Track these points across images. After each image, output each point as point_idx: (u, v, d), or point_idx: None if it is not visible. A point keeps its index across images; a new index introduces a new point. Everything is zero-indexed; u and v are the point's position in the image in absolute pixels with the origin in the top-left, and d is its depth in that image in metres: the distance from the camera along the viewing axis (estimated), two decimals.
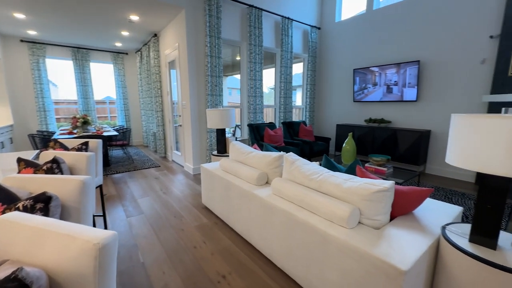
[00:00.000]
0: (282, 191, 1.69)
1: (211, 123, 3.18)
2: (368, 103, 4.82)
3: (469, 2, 3.42)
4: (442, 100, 3.82)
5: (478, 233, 1.07)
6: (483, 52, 3.36)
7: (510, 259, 0.98)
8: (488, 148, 0.91)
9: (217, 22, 3.72)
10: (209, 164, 2.67)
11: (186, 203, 2.84)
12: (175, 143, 4.87)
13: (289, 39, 4.82)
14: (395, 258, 1.04)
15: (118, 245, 1.37)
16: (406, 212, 1.44)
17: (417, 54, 4.01)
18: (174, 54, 4.15)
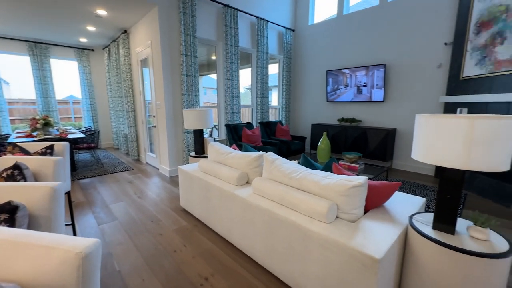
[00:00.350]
0: (263, 190, 1.72)
1: (188, 124, 3.11)
2: (340, 103, 5.06)
3: (427, 12, 3.76)
4: (406, 101, 4.15)
5: (439, 220, 1.19)
6: (439, 58, 3.72)
7: (466, 242, 1.11)
8: (446, 144, 1.03)
9: (192, 20, 3.64)
10: (187, 166, 2.61)
11: (164, 207, 2.75)
12: (149, 145, 4.67)
13: (265, 40, 4.89)
14: (370, 248, 1.12)
15: None
16: (378, 205, 1.55)
17: (383, 57, 4.31)
18: (147, 52, 3.98)
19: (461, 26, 3.31)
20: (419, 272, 1.20)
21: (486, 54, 2.95)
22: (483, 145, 0.97)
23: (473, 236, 1.13)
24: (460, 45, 3.33)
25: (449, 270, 1.08)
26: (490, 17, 2.91)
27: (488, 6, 2.93)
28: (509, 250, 1.04)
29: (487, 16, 2.95)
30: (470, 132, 0.97)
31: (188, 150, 3.89)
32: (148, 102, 4.45)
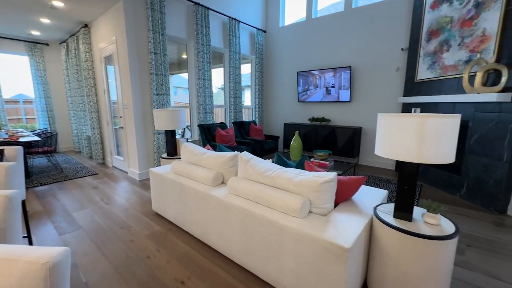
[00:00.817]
0: (239, 189, 1.73)
1: (159, 125, 3.00)
2: (311, 103, 5.27)
3: (386, 19, 4.09)
4: (369, 101, 4.46)
5: (399, 209, 1.32)
6: (397, 62, 4.07)
7: (421, 227, 1.24)
8: (403, 140, 1.15)
9: (161, 17, 3.51)
10: (159, 168, 2.52)
11: (134, 212, 2.62)
12: (115, 147, 4.40)
13: (237, 40, 4.89)
14: (340, 238, 1.20)
15: None
16: (347, 199, 1.66)
17: (349, 60, 4.59)
18: (111, 49, 3.74)
19: (415, 33, 3.66)
20: (383, 256, 1.31)
21: (436, 60, 3.31)
22: (433, 141, 1.10)
23: (427, 221, 1.27)
24: (415, 51, 3.68)
25: (407, 253, 1.21)
26: (438, 26, 3.26)
27: (437, 16, 3.28)
28: (455, 232, 1.19)
29: (436, 26, 3.30)
30: (422, 130, 1.09)
31: (159, 152, 3.74)
32: (114, 102, 4.19)
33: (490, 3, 2.61)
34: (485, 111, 2.67)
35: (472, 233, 2.17)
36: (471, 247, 1.96)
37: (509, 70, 2.43)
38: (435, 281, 1.19)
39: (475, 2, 2.77)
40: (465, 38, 2.89)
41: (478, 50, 2.74)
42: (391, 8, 4.02)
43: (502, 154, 2.50)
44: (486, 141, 2.66)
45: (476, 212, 2.59)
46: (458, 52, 2.98)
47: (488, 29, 2.64)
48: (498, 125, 2.54)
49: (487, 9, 2.64)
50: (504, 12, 2.47)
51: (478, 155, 2.75)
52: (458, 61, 2.99)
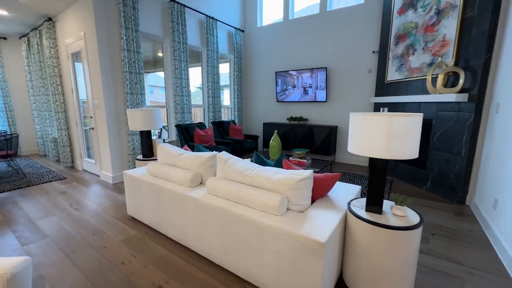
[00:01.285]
0: (217, 190, 1.72)
1: (133, 125, 2.88)
2: (289, 103, 5.36)
3: (359, 23, 4.28)
4: (344, 101, 4.65)
5: (370, 203, 1.40)
6: (369, 63, 4.28)
7: (390, 219, 1.32)
8: (373, 138, 1.21)
9: (134, 13, 3.37)
10: (134, 170, 2.42)
11: (107, 217, 2.49)
12: (86, 150, 4.14)
13: (215, 39, 4.84)
14: (316, 233, 1.24)
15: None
16: (323, 195, 1.72)
17: (325, 61, 4.74)
18: (79, 45, 3.52)
19: (385, 37, 3.87)
20: (357, 249, 1.38)
21: (403, 62, 3.53)
22: (399, 138, 1.17)
23: (395, 213, 1.36)
24: (384, 53, 3.90)
25: (378, 243, 1.28)
26: (405, 31, 3.48)
27: (403, 22, 3.50)
28: (420, 222, 1.29)
29: (402, 30, 3.52)
30: (389, 127, 1.17)
31: (134, 154, 3.59)
32: (83, 102, 3.94)
33: (449, 11, 2.84)
34: (446, 110, 2.90)
35: (436, 222, 2.35)
36: (435, 235, 2.13)
37: (465, 73, 2.67)
38: (403, 269, 1.28)
39: (436, 10, 3.00)
40: (428, 42, 3.12)
41: (440, 54, 2.97)
42: (362, 12, 4.22)
43: (461, 150, 2.74)
44: (447, 137, 2.90)
45: (439, 203, 2.81)
46: (422, 56, 3.21)
47: (447, 35, 2.87)
48: (457, 123, 2.78)
49: (447, 17, 2.87)
50: (461, 20, 2.70)
51: (441, 150, 2.98)
52: (422, 64, 3.21)
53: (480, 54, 2.53)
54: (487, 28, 2.46)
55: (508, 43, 2.24)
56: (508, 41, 2.24)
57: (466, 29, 2.67)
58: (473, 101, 2.60)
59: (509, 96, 2.08)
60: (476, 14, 2.56)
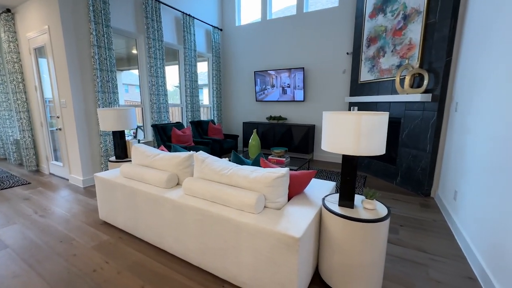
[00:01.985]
0: (194, 190, 1.70)
1: (105, 125, 2.74)
2: (268, 102, 5.42)
3: (333, 25, 4.42)
4: (321, 100, 4.79)
5: (342, 198, 1.46)
6: (344, 64, 4.45)
7: (361, 212, 1.39)
8: (343, 135, 1.27)
9: (104, 7, 3.20)
10: (106, 173, 2.31)
11: (78, 223, 2.35)
12: (53, 152, 3.87)
13: (192, 37, 4.75)
14: (292, 229, 1.27)
15: None
16: (300, 192, 1.76)
17: (302, 62, 4.85)
18: (43, 39, 3.28)
19: (357, 39, 4.05)
20: (331, 242, 1.43)
21: (374, 64, 3.72)
22: (367, 135, 1.24)
23: (365, 207, 1.43)
24: (357, 55, 4.07)
25: (350, 236, 1.34)
26: (376, 34, 3.67)
27: (374, 25, 3.68)
28: (387, 214, 1.37)
29: (374, 34, 3.71)
30: (358, 126, 1.23)
31: (107, 155, 3.42)
32: (49, 100, 3.68)
33: (414, 17, 3.04)
34: (413, 109, 3.10)
35: (404, 214, 2.51)
36: (404, 226, 2.27)
37: (429, 75, 2.87)
38: (373, 259, 1.35)
39: (403, 15, 3.19)
40: (397, 45, 3.31)
41: (407, 56, 3.17)
42: (337, 15, 4.37)
43: (426, 146, 2.95)
44: (414, 135, 3.10)
45: (408, 196, 3.01)
46: (391, 58, 3.40)
47: (413, 39, 3.07)
48: (422, 121, 2.99)
49: (412, 22, 3.07)
50: (425, 26, 2.90)
51: (409, 147, 3.18)
52: (391, 66, 3.41)
53: (441, 57, 2.73)
54: (447, 34, 2.67)
55: (465, 47, 2.44)
56: (465, 46, 2.45)
57: (429, 33, 2.87)
58: (436, 101, 2.81)
59: (466, 96, 2.28)
60: (437, 20, 2.76)
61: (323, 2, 5.16)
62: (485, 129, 1.77)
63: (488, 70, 1.84)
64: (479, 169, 1.81)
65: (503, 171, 1.46)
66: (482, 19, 2.06)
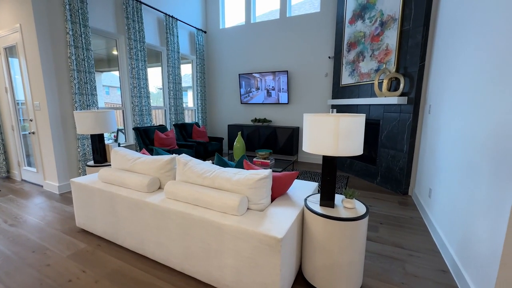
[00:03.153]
0: (176, 193, 1.67)
1: (82, 128, 2.63)
2: (253, 105, 5.44)
3: (315, 29, 4.54)
4: (304, 103, 4.88)
5: (323, 198, 1.49)
6: (326, 68, 4.57)
7: (341, 211, 1.43)
8: (322, 137, 1.30)
9: (82, 6, 3.10)
10: (84, 178, 2.22)
11: (52, 231, 2.23)
12: (25, 157, 3.66)
13: (175, 38, 4.69)
14: (274, 230, 1.28)
15: None
16: (283, 193, 1.78)
17: (286, 65, 4.93)
18: (14, 38, 3.11)
19: (338, 44, 4.18)
20: (313, 241, 1.46)
21: (354, 68, 3.85)
22: (345, 136, 1.28)
23: (345, 206, 1.48)
24: (339, 59, 4.20)
25: (331, 234, 1.38)
26: (355, 39, 3.81)
27: (354, 31, 3.82)
28: (366, 213, 1.42)
29: (353, 39, 3.84)
30: (337, 127, 1.27)
31: (85, 159, 3.28)
32: (21, 103, 3.48)
33: (391, 24, 3.19)
34: (391, 111, 3.24)
35: (383, 213, 2.61)
36: (383, 224, 2.36)
37: (405, 79, 3.02)
38: (353, 256, 1.39)
39: (381, 22, 3.34)
40: (375, 50, 3.46)
41: (384, 61, 3.31)
42: (319, 20, 4.49)
43: (403, 147, 3.09)
44: (392, 136, 3.24)
45: (387, 195, 3.12)
46: (370, 62, 3.54)
47: (390, 45, 3.22)
48: (399, 123, 3.13)
49: (389, 28, 3.22)
50: (400, 32, 3.05)
51: (387, 148, 3.32)
52: (370, 70, 3.55)
53: (415, 62, 2.88)
54: (420, 40, 2.82)
55: (436, 53, 2.60)
56: (436, 51, 2.61)
57: (404, 40, 3.02)
58: (411, 104, 2.96)
59: (437, 99, 2.42)
60: (411, 27, 2.92)
61: (305, 7, 5.29)
62: (454, 130, 1.89)
63: (455, 74, 1.96)
64: (449, 167, 1.93)
65: (470, 169, 1.56)
66: (451, 28, 2.20)
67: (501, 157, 1.22)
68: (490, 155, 1.33)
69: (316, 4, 4.78)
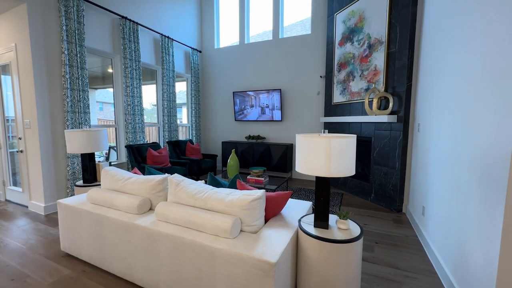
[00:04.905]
0: (168, 215, 1.63)
1: (72, 147, 2.58)
2: (247, 122, 5.49)
3: (307, 50, 4.72)
4: (298, 120, 4.96)
5: (317, 219, 1.48)
6: (318, 86, 4.70)
7: (335, 233, 1.41)
8: (315, 158, 1.31)
9: (79, 27, 3.16)
10: (71, 199, 2.14)
11: (35, 256, 2.12)
12: (10, 176, 3.54)
13: (171, 57, 4.79)
14: (268, 254, 1.25)
15: None
16: (277, 213, 1.76)
17: (279, 83, 5.05)
18: (9, 56, 3.12)
19: (329, 64, 4.34)
20: (308, 263, 1.42)
21: (345, 87, 3.98)
22: (337, 157, 1.30)
23: (339, 227, 1.46)
24: (330, 78, 4.34)
25: (326, 257, 1.35)
26: (345, 60, 3.96)
27: (343, 52, 3.99)
28: (360, 234, 1.40)
29: (343, 59, 4.00)
30: (329, 148, 1.28)
31: (74, 179, 3.20)
32: (11, 119, 3.42)
33: (378, 46, 3.35)
34: (382, 129, 3.32)
35: (379, 231, 2.58)
36: (379, 243, 2.33)
37: (393, 98, 3.12)
38: (348, 278, 1.36)
39: (368, 44, 3.50)
40: (364, 71, 3.59)
41: (373, 81, 3.43)
42: (310, 41, 4.68)
43: (395, 164, 3.13)
44: (384, 153, 3.29)
45: (382, 212, 3.11)
46: (360, 82, 3.67)
47: (378, 66, 3.35)
48: (390, 140, 3.19)
49: (376, 50, 3.37)
50: (387, 54, 3.20)
51: (380, 165, 3.35)
52: (360, 89, 3.66)
53: (403, 83, 3.00)
54: (406, 62, 2.96)
55: (422, 74, 2.72)
56: (422, 72, 2.73)
57: (391, 61, 3.16)
58: (401, 122, 3.04)
59: (425, 118, 2.49)
60: (397, 50, 3.07)
61: (297, 29, 5.54)
62: (442, 148, 1.94)
63: (439, 96, 2.05)
64: (441, 185, 1.95)
65: (460, 188, 1.58)
66: (434, 51, 2.32)
67: (489, 176, 1.25)
68: (478, 174, 1.35)
69: (307, 26, 5.00)
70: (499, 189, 1.17)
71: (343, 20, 3.96)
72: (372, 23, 3.42)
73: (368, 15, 3.47)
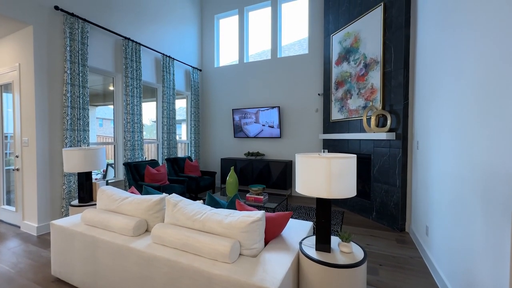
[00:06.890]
0: (164, 238, 1.57)
1: (69, 166, 2.55)
2: (246, 138, 5.50)
3: (305, 69, 4.84)
4: (296, 136, 4.98)
5: (319, 242, 1.43)
6: (316, 104, 4.77)
7: (337, 257, 1.36)
8: (315, 178, 1.29)
9: (82, 48, 3.24)
10: (65, 220, 2.08)
11: (23, 281, 2.02)
12: (4, 195, 3.47)
13: (171, 76, 4.88)
14: (268, 281, 1.19)
15: None
16: (277, 235, 1.70)
17: (278, 101, 5.12)
18: (12, 76, 3.16)
19: (327, 82, 4.43)
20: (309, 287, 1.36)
21: (343, 105, 4.03)
22: (338, 178, 1.28)
23: (342, 250, 1.41)
24: (328, 96, 4.41)
25: (328, 282, 1.29)
26: (342, 79, 4.05)
27: (340, 71, 4.09)
28: (364, 258, 1.35)
29: (340, 78, 4.09)
30: (329, 169, 1.27)
31: (70, 198, 3.13)
32: (10, 136, 3.41)
33: (374, 66, 3.44)
34: (381, 146, 3.32)
35: (382, 252, 2.50)
36: (383, 266, 2.24)
37: (391, 115, 3.16)
38: None
39: (364, 63, 3.60)
40: (361, 89, 3.66)
41: (370, 99, 3.49)
42: (308, 61, 4.81)
43: (395, 181, 3.10)
44: (384, 170, 3.27)
45: (384, 232, 3.04)
46: (357, 100, 3.73)
47: (375, 84, 3.42)
48: (390, 157, 3.18)
49: (372, 70, 3.46)
50: (383, 73, 3.27)
51: (380, 182, 3.32)
52: (358, 107, 3.71)
53: (400, 101, 3.05)
54: (402, 81, 3.02)
55: (417, 93, 2.77)
56: (417, 91, 2.78)
57: (387, 80, 3.23)
58: (399, 139, 3.05)
59: (424, 135, 2.50)
60: (393, 69, 3.15)
61: (295, 48, 5.71)
62: (442, 166, 1.93)
63: (436, 116, 2.07)
64: (443, 204, 1.92)
65: (463, 207, 1.55)
66: (428, 71, 2.38)
67: (492, 197, 1.23)
68: (481, 194, 1.33)
69: (304, 46, 5.16)
70: (503, 210, 1.14)
71: (339, 41, 4.09)
72: (367, 44, 3.54)
73: (363, 36, 3.60)
